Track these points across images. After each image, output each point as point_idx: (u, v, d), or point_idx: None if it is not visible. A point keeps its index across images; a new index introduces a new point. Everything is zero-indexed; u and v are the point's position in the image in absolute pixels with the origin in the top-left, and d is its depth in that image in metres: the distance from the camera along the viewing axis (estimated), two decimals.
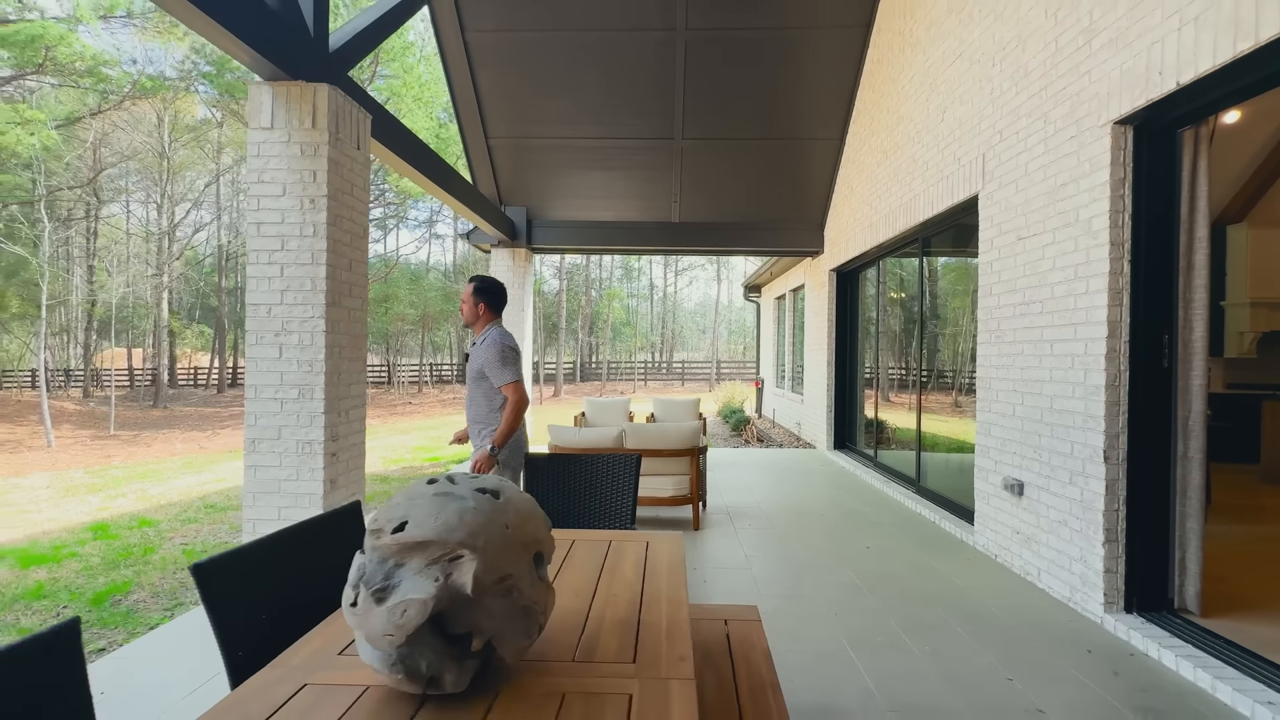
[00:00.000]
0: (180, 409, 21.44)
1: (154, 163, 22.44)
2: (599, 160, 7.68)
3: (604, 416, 7.09)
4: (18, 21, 10.70)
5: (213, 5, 2.65)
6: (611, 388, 30.80)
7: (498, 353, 2.81)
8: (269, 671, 1.10)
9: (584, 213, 8.25)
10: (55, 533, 5.46)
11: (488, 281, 2.98)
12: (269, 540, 1.48)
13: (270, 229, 3.35)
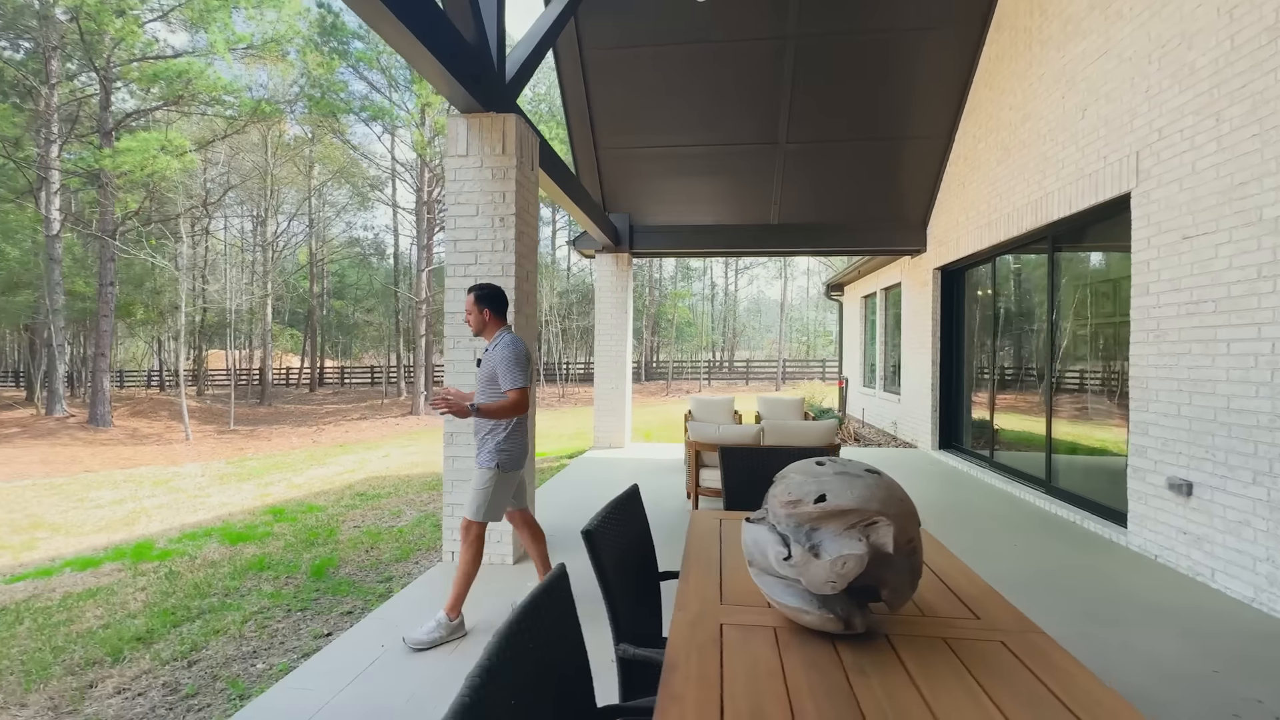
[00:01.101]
0: (282, 406, 23.16)
1: (257, 180, 24.34)
2: (701, 166, 7.91)
3: (711, 414, 7.32)
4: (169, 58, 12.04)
5: (436, 44, 3.01)
6: (675, 387, 31.01)
7: (512, 354, 2.76)
8: (681, 615, 1.38)
9: (684, 217, 8.50)
10: (238, 515, 6.19)
11: (486, 288, 2.91)
12: (612, 511, 1.78)
13: (465, 245, 3.76)
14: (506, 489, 2.89)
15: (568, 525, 4.60)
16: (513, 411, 2.74)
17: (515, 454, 2.88)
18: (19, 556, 5.21)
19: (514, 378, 2.74)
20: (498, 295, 2.92)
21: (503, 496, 2.86)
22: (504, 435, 2.84)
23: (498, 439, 2.83)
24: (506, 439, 2.85)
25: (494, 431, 2.83)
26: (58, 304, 15.64)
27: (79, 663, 2.85)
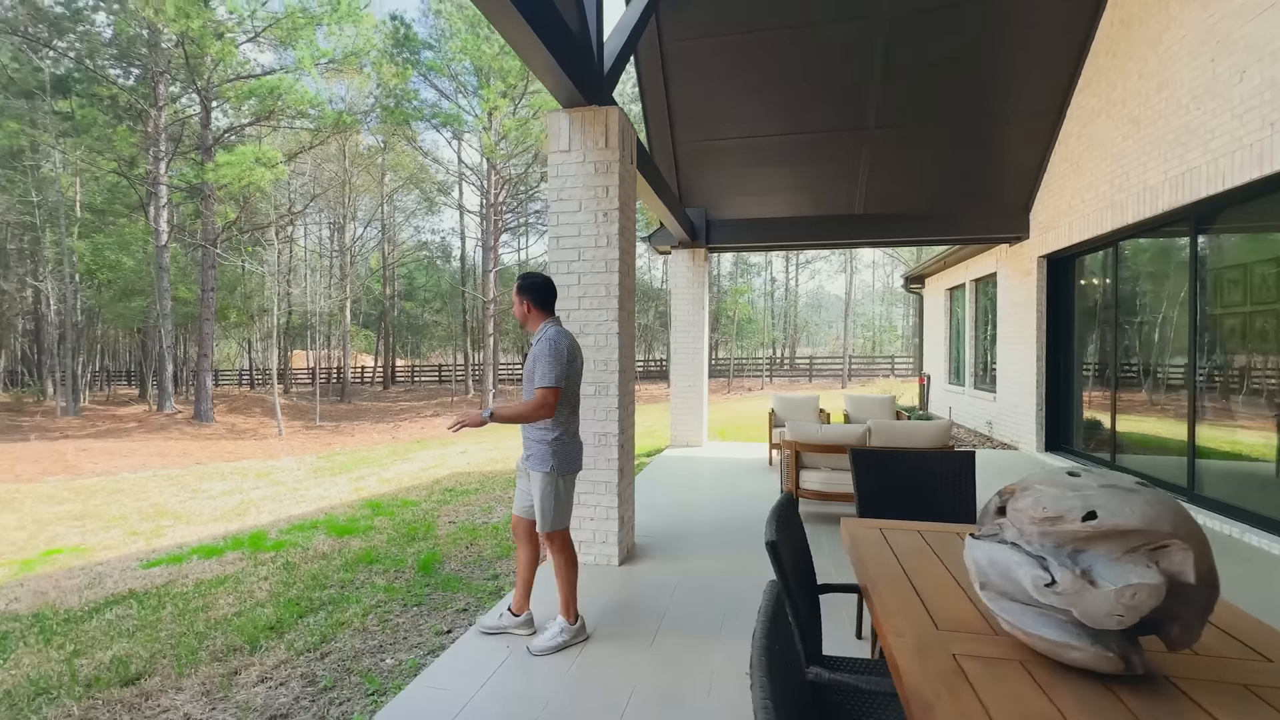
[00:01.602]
0: (360, 404, 24.33)
1: (335, 189, 25.65)
2: (780, 156, 7.65)
3: (795, 413, 7.07)
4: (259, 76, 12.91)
5: (547, 34, 2.95)
6: (737, 384, 30.55)
7: (549, 349, 2.55)
8: (899, 641, 1.23)
9: (762, 209, 8.26)
10: (338, 508, 6.46)
11: (530, 278, 2.73)
12: (779, 519, 1.64)
13: (568, 241, 3.71)
14: (570, 490, 2.75)
15: (669, 528, 4.50)
16: (535, 413, 2.51)
17: (572, 455, 2.70)
18: (151, 543, 5.60)
19: (544, 373, 2.52)
20: (540, 286, 2.72)
21: (569, 497, 2.74)
22: (556, 435, 2.64)
23: (551, 440, 2.63)
24: (559, 439, 2.65)
25: (546, 430, 2.64)
26: (166, 309, 16.99)
27: (221, 649, 2.98)
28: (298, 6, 14.61)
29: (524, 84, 17.91)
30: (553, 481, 2.63)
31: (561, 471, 2.64)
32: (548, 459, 2.62)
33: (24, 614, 3.82)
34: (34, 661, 3.03)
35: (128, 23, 15.48)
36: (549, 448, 2.62)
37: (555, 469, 2.62)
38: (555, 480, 2.63)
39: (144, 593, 4.01)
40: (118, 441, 12.98)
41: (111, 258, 18.37)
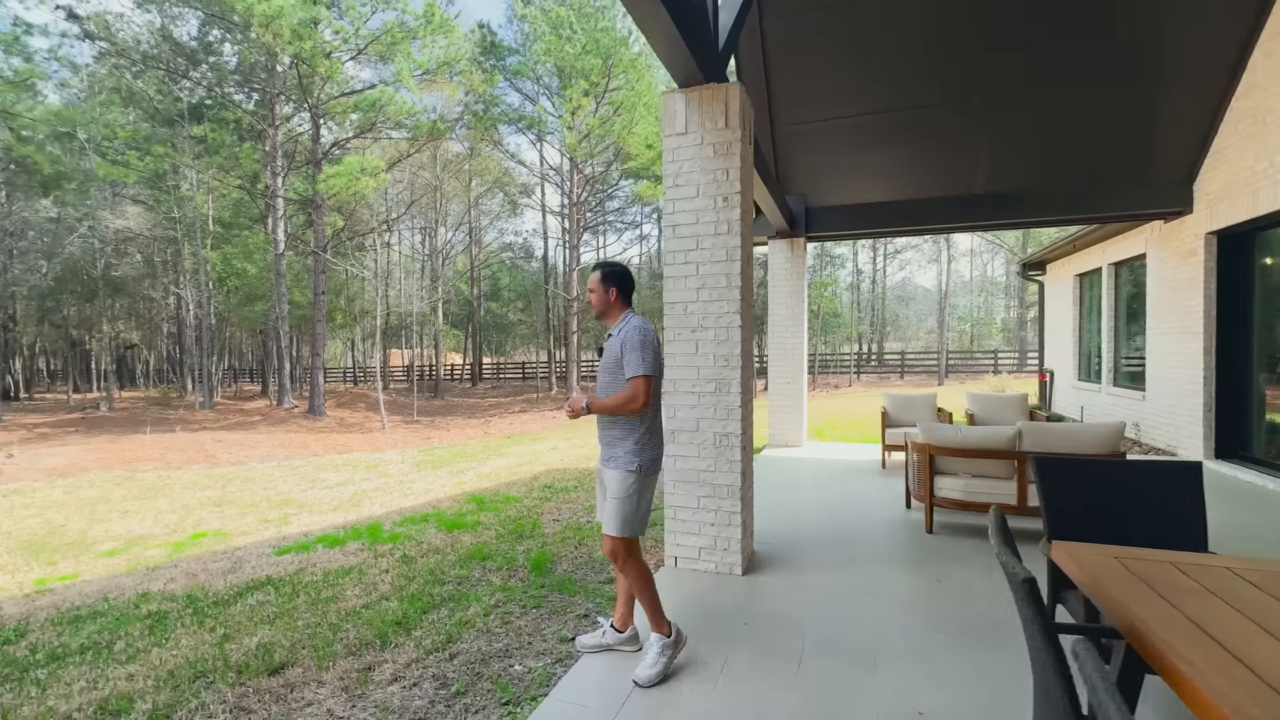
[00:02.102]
0: (452, 400, 25.49)
1: (428, 195, 26.99)
2: (886, 136, 7.07)
3: (909, 412, 6.53)
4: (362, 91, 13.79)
5: (673, 5, 2.74)
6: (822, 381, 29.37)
7: (640, 337, 2.39)
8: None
9: (865, 194, 7.70)
10: (444, 502, 6.64)
11: (615, 266, 2.58)
12: (1005, 546, 1.34)
13: (685, 230, 3.50)
14: (650, 495, 2.52)
15: (784, 535, 4.20)
16: (628, 404, 2.36)
17: (657, 454, 2.52)
18: (280, 530, 5.97)
19: (638, 362, 2.35)
20: (626, 274, 2.58)
21: (648, 504, 2.51)
22: (643, 431, 2.45)
23: (636, 436, 2.44)
24: (645, 435, 2.45)
25: (631, 427, 2.45)
26: (283, 312, 18.49)
27: (354, 643, 3.02)
28: (395, 21, 15.40)
29: (605, 82, 17.97)
30: (637, 481, 2.42)
31: (646, 471, 2.45)
32: (633, 456, 2.43)
33: (179, 594, 4.11)
34: (190, 643, 3.20)
35: (250, 51, 16.93)
36: (635, 444, 2.43)
37: (641, 468, 2.43)
38: (640, 480, 2.43)
39: (279, 580, 4.21)
40: (246, 433, 14.23)
41: (238, 266, 20.26)
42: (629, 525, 2.41)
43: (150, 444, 12.30)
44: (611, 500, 2.42)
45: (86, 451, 11.34)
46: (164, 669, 2.89)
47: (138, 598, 4.09)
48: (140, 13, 17.64)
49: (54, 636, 3.53)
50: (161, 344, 32.57)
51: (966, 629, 2.79)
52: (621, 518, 2.40)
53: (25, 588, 4.68)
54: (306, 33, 14.42)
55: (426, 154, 24.34)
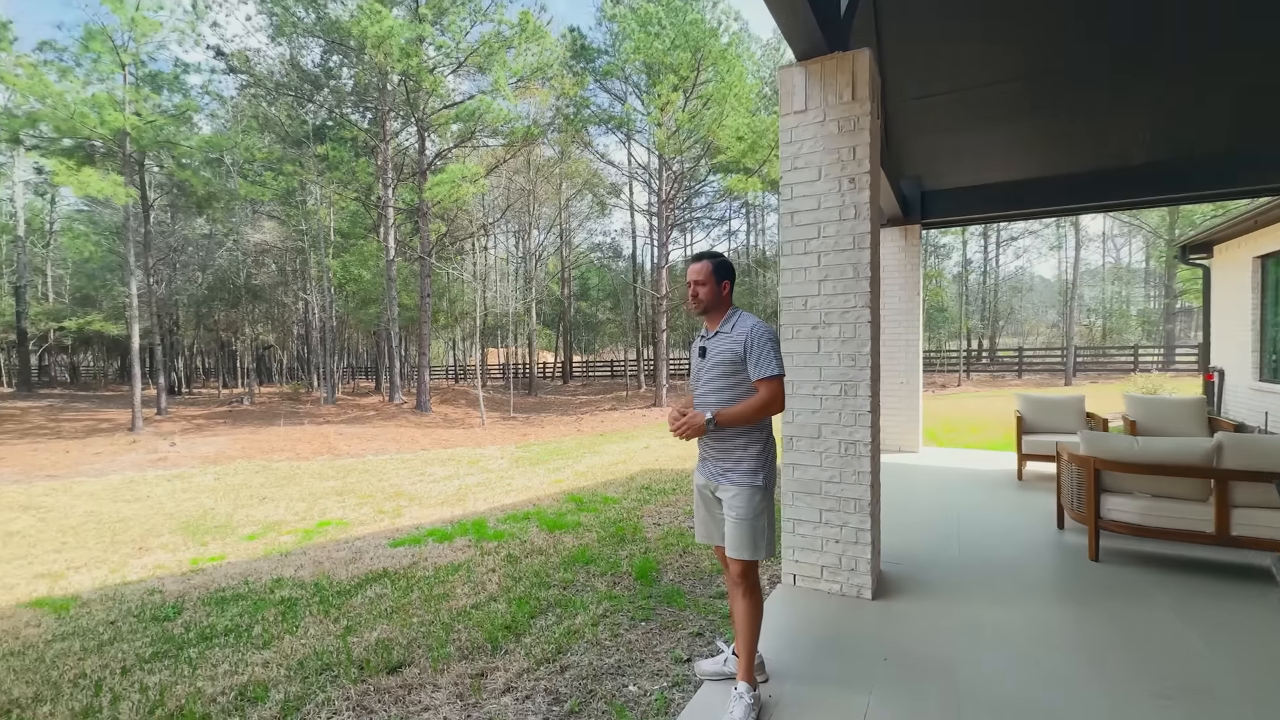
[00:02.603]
0: (545, 397, 26.26)
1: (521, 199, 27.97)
2: (1023, 104, 6.26)
3: (1051, 417, 5.77)
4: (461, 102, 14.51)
5: None
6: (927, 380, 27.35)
7: (766, 332, 2.13)
8: None
9: (992, 174, 6.91)
10: (544, 500, 6.71)
11: (724, 257, 2.30)
12: None
13: (805, 216, 3.18)
14: (773, 510, 2.25)
15: (913, 553, 3.76)
16: (766, 410, 2.11)
17: (775, 465, 2.27)
18: (394, 522, 6.26)
19: (768, 359, 2.10)
20: (732, 267, 2.32)
21: (774, 518, 2.25)
22: (765, 440, 2.21)
23: (760, 446, 2.18)
24: (768, 445, 2.22)
25: (752, 437, 2.18)
26: (394, 314, 19.81)
27: (466, 646, 3.00)
28: (493, 32, 16.00)
29: (694, 75, 17.66)
30: (765, 498, 2.17)
31: (770, 485, 2.21)
32: (756, 469, 2.16)
33: (307, 581, 4.34)
34: (317, 633, 3.33)
35: (365, 73, 18.27)
36: (758, 455, 2.17)
37: (766, 483, 2.17)
38: (766, 496, 2.18)
39: (394, 573, 4.35)
40: (362, 427, 15.35)
41: (355, 273, 21.98)
42: (762, 546, 2.17)
43: (283, 436, 13.56)
44: (739, 521, 2.16)
45: (232, 442, 12.68)
46: (294, 658, 3.01)
47: (272, 583, 4.37)
48: (273, 45, 19.56)
49: (204, 616, 3.82)
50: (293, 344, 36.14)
51: (1196, 695, 2.22)
52: (753, 539, 2.15)
53: (183, 566, 5.18)
54: (413, 50, 15.29)
55: (521, 159, 25.20)
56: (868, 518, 3.05)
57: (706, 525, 2.32)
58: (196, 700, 2.65)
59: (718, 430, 2.15)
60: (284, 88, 19.61)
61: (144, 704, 2.66)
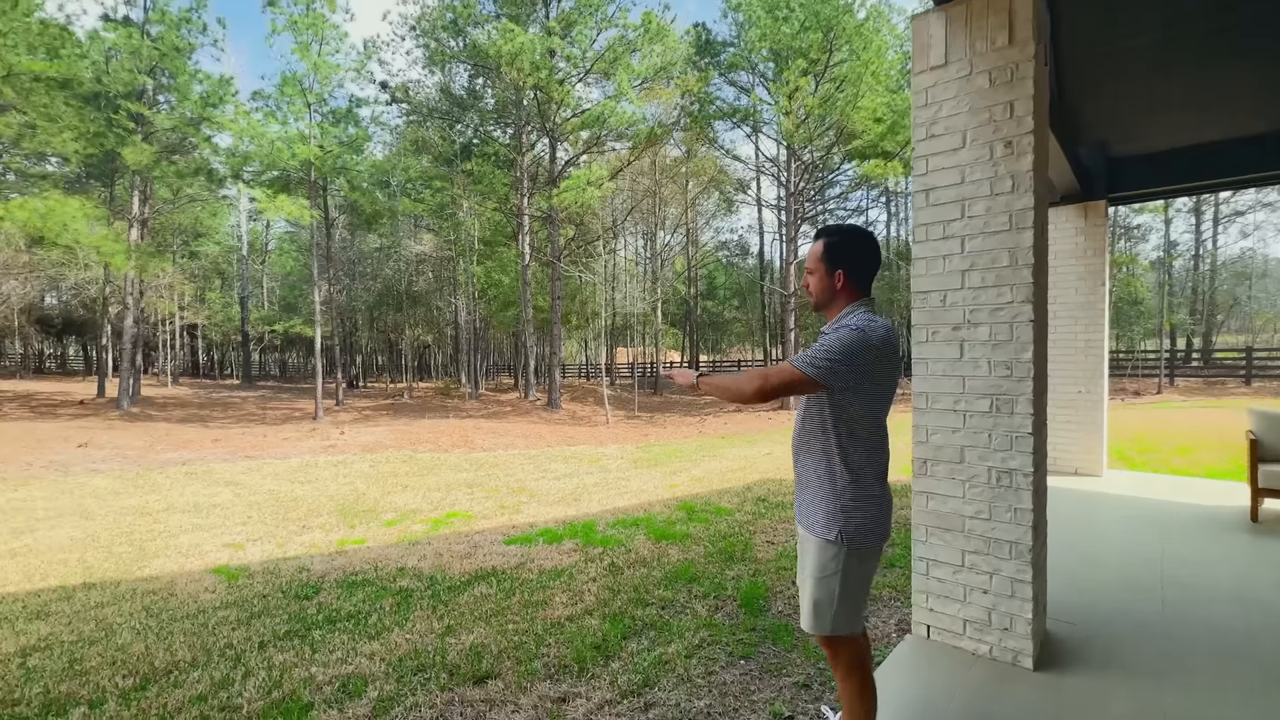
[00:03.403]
0: (670, 396, 26.35)
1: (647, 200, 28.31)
2: (1255, 29, 4.86)
3: None
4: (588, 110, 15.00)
5: None
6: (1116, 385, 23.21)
7: (845, 333, 1.62)
8: None
9: (1208, 129, 5.47)
10: (655, 506, 6.55)
11: (847, 233, 1.77)
12: None
13: (944, 194, 2.63)
14: (866, 577, 1.68)
15: (1092, 608, 2.99)
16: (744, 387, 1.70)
17: (872, 518, 1.68)
18: (512, 518, 6.46)
19: (809, 354, 1.63)
20: (862, 246, 1.77)
21: (862, 587, 1.69)
22: (849, 482, 1.67)
23: (837, 485, 1.67)
24: (855, 489, 1.67)
25: (831, 474, 1.68)
26: (529, 315, 21.02)
27: (554, 663, 2.88)
28: (617, 37, 16.29)
29: (825, 57, 16.55)
30: (836, 557, 1.66)
31: (853, 543, 1.66)
32: (832, 519, 1.67)
33: (425, 573, 4.55)
34: (422, 629, 3.41)
35: (503, 91, 19.57)
36: (834, 495, 1.67)
37: (843, 538, 1.66)
38: (840, 556, 1.66)
39: (501, 573, 4.41)
40: (498, 423, 16.42)
41: (495, 278, 23.67)
42: (825, 619, 1.69)
43: (429, 428, 14.91)
44: (803, 579, 1.74)
45: (389, 432, 14.19)
46: (396, 654, 3.08)
47: (396, 571, 4.64)
48: (428, 75, 21.71)
49: (334, 598, 4.13)
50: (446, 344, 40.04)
51: None
52: (814, 606, 1.70)
53: (331, 547, 5.75)
54: (543, 64, 16.04)
55: (646, 161, 25.49)
56: (1028, 566, 2.43)
57: (800, 571, 1.89)
58: (306, 687, 2.79)
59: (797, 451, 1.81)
60: (437, 112, 21.66)
61: (266, 683, 2.86)
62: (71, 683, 3.02)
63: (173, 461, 10.73)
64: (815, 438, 1.73)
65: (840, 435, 1.68)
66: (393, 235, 26.03)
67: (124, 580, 4.91)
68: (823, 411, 1.70)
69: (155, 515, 7.11)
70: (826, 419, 1.69)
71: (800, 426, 1.79)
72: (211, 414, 18.04)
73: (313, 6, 15.68)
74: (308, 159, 16.22)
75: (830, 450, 1.69)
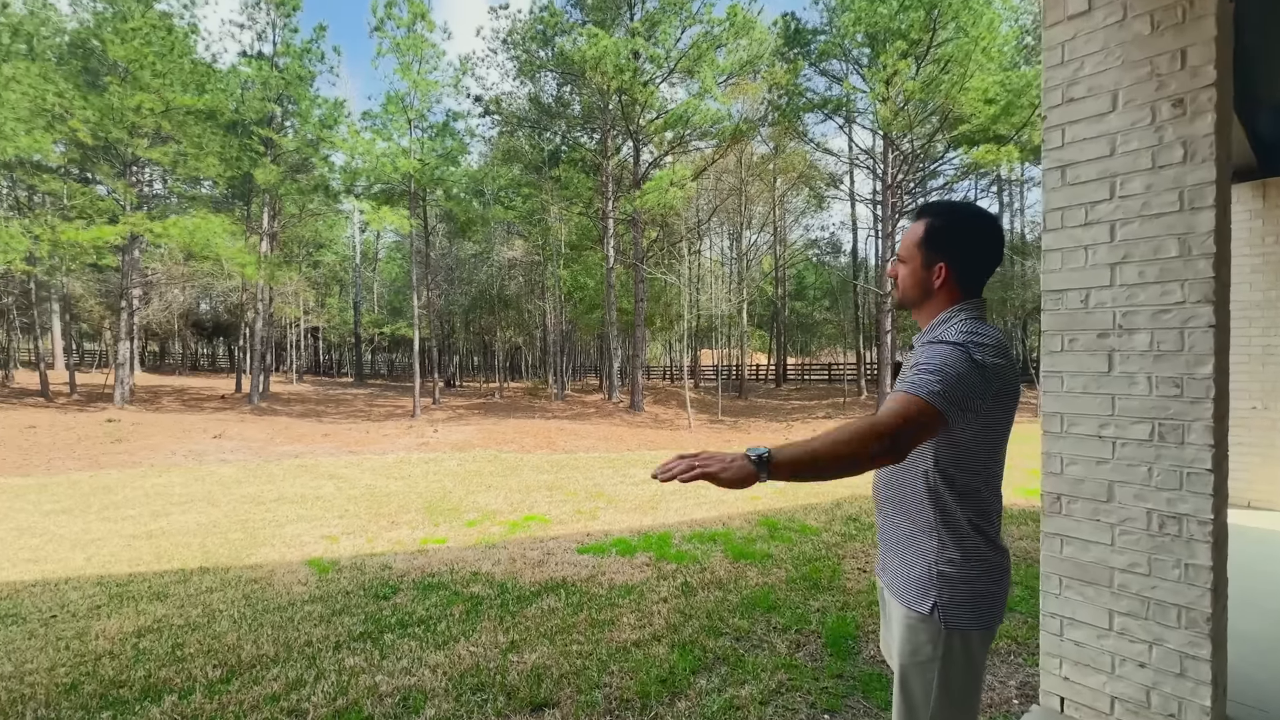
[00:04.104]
0: (756, 400, 25.59)
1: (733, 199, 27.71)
2: None
3: None
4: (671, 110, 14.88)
5: None
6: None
7: (958, 356, 1.17)
8: None
9: None
10: (735, 519, 6.21)
11: (959, 215, 1.35)
12: None
13: (1086, 169, 2.14)
14: (972, 670, 1.27)
15: None
16: (851, 461, 1.06)
17: (987, 588, 1.27)
18: (587, 525, 6.36)
19: (927, 374, 1.16)
20: (978, 234, 1.34)
21: (968, 686, 1.25)
22: (953, 539, 1.26)
23: (936, 539, 1.27)
24: (960, 546, 1.26)
25: (928, 524, 1.28)
26: (613, 318, 21.17)
27: (616, 695, 2.67)
28: (701, 33, 16.00)
29: (928, 36, 15.30)
30: (935, 640, 1.26)
31: (955, 621, 1.25)
32: (926, 587, 1.27)
33: (497, 580, 4.52)
34: (487, 642, 3.33)
35: (589, 96, 19.86)
36: (933, 564, 1.27)
37: (940, 614, 1.25)
38: (940, 638, 1.25)
39: (571, 584, 4.28)
40: (580, 424, 16.61)
41: (582, 281, 24.09)
42: (922, 717, 1.28)
43: (515, 428, 15.34)
44: (893, 654, 1.37)
45: (478, 431, 14.74)
46: (459, 668, 3.00)
47: (470, 576, 4.64)
48: (519, 86, 22.50)
49: (410, 600, 4.18)
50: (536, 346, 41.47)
51: None
52: (905, 699, 1.30)
53: (414, 545, 5.91)
54: (627, 65, 16.06)
55: (732, 159, 24.93)
56: (1204, 639, 1.91)
57: (883, 630, 1.54)
58: (369, 696, 2.77)
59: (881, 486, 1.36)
60: (527, 121, 22.38)
61: (335, 688, 2.87)
62: (170, 669, 3.21)
63: (288, 454, 11.72)
64: (906, 480, 1.33)
65: (942, 478, 1.27)
66: (486, 242, 27.24)
67: (233, 567, 5.29)
68: (920, 447, 1.27)
69: (267, 505, 7.71)
70: (926, 455, 1.28)
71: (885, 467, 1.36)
72: (325, 410, 19.67)
73: (414, 29, 16.67)
74: (408, 171, 17.26)
75: (924, 494, 1.29)
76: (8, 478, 9.39)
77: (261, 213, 21.61)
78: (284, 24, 19.92)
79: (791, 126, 20.48)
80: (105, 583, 4.90)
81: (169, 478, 9.44)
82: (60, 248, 15.32)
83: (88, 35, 17.55)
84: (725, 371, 33.93)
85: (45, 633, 3.87)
